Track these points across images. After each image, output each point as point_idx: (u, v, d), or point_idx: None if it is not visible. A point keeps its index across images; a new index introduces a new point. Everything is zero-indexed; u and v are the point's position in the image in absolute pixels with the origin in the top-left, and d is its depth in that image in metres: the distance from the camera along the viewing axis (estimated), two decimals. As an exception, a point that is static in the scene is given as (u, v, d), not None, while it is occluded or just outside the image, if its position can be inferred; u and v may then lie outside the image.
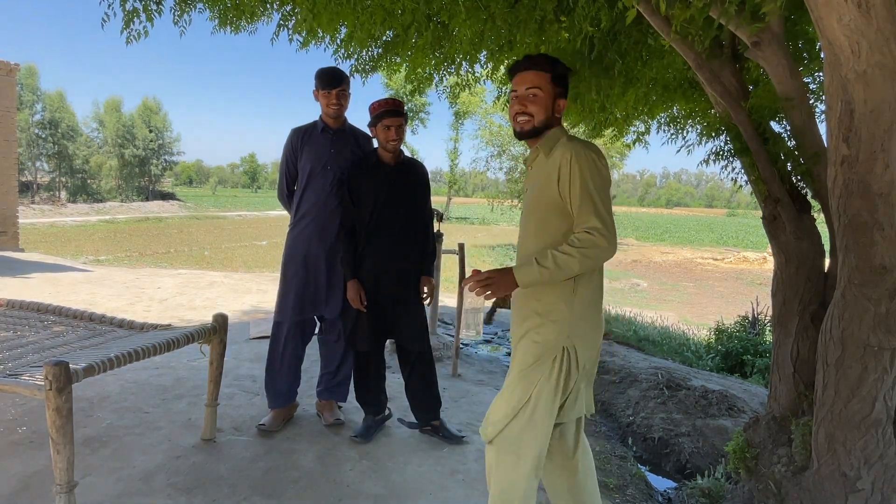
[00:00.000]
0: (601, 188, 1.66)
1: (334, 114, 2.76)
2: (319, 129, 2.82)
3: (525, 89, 1.74)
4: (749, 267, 23.58)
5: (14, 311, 2.90)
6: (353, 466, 2.55)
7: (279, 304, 2.86)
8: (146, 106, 47.60)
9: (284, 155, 2.87)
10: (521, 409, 1.69)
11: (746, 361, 5.44)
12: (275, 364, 2.87)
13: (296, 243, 2.82)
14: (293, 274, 2.81)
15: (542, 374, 1.68)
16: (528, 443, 1.68)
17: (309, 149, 2.79)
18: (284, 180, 2.89)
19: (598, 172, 1.66)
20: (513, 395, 1.71)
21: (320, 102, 2.78)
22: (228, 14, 2.97)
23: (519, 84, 1.76)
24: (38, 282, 7.31)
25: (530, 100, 1.74)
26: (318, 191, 2.78)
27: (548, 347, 1.69)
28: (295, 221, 2.85)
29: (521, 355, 1.73)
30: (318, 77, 2.72)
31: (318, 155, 2.78)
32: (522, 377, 1.70)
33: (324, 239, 2.78)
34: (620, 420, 3.74)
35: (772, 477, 2.17)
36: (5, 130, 10.64)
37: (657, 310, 11.44)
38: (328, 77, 2.71)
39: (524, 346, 1.73)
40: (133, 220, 32.09)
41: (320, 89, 2.72)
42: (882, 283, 1.74)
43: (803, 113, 2.16)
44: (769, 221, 2.39)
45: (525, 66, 1.75)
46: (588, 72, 3.17)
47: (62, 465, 1.83)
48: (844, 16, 1.51)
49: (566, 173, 1.66)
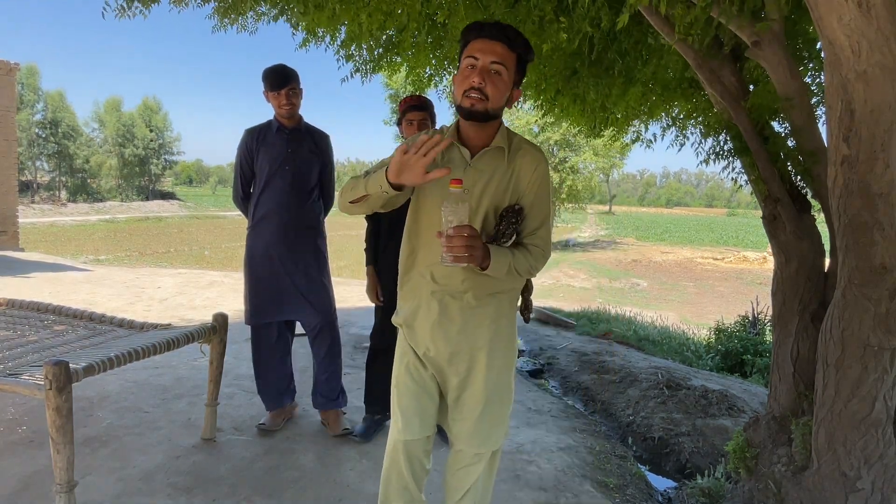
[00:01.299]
0: (551, 205, 1.62)
1: (287, 114, 2.69)
2: (275, 128, 2.73)
3: (490, 62, 1.44)
4: (749, 267, 23.57)
5: (14, 310, 2.91)
6: (353, 466, 2.55)
7: (245, 308, 2.80)
8: (146, 105, 47.60)
9: (239, 156, 2.78)
10: (505, 416, 1.71)
11: (746, 361, 5.44)
12: (259, 368, 2.86)
13: (256, 245, 2.73)
14: (256, 278, 2.73)
15: (511, 391, 1.72)
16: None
17: (265, 149, 2.71)
18: (240, 182, 2.80)
19: (550, 187, 1.61)
20: (503, 409, 1.69)
21: (272, 104, 2.70)
22: (228, 13, 2.96)
23: (482, 52, 1.44)
24: (38, 281, 7.31)
25: (492, 77, 1.44)
26: (277, 191, 2.69)
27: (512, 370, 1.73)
28: (254, 223, 2.76)
29: (501, 377, 1.66)
30: (265, 78, 2.64)
31: (275, 155, 2.70)
32: (507, 394, 1.70)
33: (287, 240, 2.71)
34: (620, 420, 3.74)
35: (772, 477, 2.17)
36: (5, 130, 10.64)
37: (657, 309, 11.44)
38: (275, 77, 2.63)
39: (499, 368, 1.66)
40: (133, 220, 32.10)
41: (269, 90, 2.65)
42: (882, 283, 1.74)
43: (803, 113, 2.16)
44: (769, 221, 2.39)
45: (495, 35, 1.44)
46: (588, 72, 3.17)
47: (62, 464, 1.83)
48: (845, 15, 1.51)
49: (542, 187, 1.56)
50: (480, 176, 1.53)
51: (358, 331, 5.12)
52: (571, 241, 31.43)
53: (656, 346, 6.07)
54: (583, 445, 3.05)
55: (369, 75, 3.50)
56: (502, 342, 1.64)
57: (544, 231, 1.57)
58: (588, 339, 5.92)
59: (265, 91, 2.67)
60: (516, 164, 1.55)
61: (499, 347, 1.63)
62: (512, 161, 1.55)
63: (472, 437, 1.67)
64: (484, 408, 1.63)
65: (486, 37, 1.45)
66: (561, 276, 18.23)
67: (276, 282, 2.72)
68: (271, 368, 2.85)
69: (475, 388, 1.64)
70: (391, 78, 19.71)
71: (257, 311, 2.74)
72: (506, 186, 1.54)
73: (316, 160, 2.79)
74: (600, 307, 9.53)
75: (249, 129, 2.78)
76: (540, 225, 1.56)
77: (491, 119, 1.50)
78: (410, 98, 2.78)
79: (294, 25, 3.13)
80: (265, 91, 2.67)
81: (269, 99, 2.69)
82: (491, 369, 1.62)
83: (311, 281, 2.75)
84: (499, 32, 1.45)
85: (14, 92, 10.90)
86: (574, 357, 4.99)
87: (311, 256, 2.77)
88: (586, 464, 2.82)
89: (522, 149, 1.57)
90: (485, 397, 1.63)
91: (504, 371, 1.66)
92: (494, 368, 1.63)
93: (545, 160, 1.58)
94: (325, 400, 2.90)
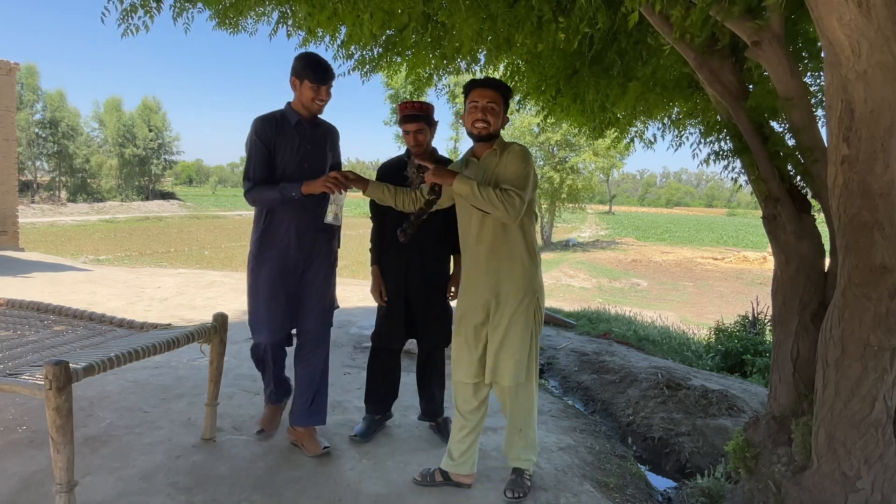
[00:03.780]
0: (532, 178, 2.22)
1: (319, 109, 2.49)
2: (293, 121, 2.48)
3: (486, 102, 2.21)
4: (749, 267, 23.57)
5: (14, 310, 2.91)
6: (353, 466, 2.55)
7: (255, 323, 2.55)
8: (146, 105, 47.57)
9: (255, 144, 2.44)
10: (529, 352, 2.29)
11: (746, 361, 5.43)
12: (261, 370, 2.80)
13: (269, 252, 2.50)
14: (272, 291, 2.50)
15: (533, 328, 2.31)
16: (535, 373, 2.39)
17: (283, 142, 2.45)
18: (261, 171, 2.44)
19: (533, 169, 2.24)
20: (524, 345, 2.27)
21: (302, 94, 2.44)
22: (228, 14, 2.97)
23: (480, 97, 2.22)
24: (38, 281, 7.31)
25: (490, 111, 2.21)
26: None
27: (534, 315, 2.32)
28: (265, 226, 2.51)
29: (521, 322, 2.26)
30: (310, 66, 2.41)
31: (294, 151, 2.47)
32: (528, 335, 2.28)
33: (302, 246, 2.52)
34: (620, 420, 3.74)
35: (772, 477, 2.17)
36: (5, 130, 10.64)
37: (657, 309, 11.44)
38: (322, 70, 2.42)
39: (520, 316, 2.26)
40: (133, 220, 32.10)
41: (310, 81, 2.41)
42: (882, 282, 1.74)
43: (803, 112, 2.16)
44: (769, 221, 2.39)
45: (487, 85, 2.25)
46: (587, 71, 3.17)
47: (62, 464, 1.83)
48: (845, 15, 1.51)
49: (515, 161, 2.20)
50: (481, 171, 2.27)
51: (358, 331, 5.12)
52: (571, 241, 31.41)
53: (656, 345, 6.07)
54: (583, 445, 3.05)
55: (368, 75, 3.50)
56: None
57: (517, 182, 2.16)
58: (588, 339, 5.92)
59: (300, 80, 2.42)
60: (502, 156, 2.26)
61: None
62: (502, 158, 2.25)
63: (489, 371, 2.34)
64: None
65: (482, 86, 2.24)
66: (561, 276, 18.23)
67: (290, 292, 2.54)
68: (272, 373, 2.75)
69: None
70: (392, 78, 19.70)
71: (273, 332, 2.54)
72: (500, 173, 2.21)
73: (329, 157, 2.62)
74: (600, 307, 9.53)
75: (264, 117, 2.49)
76: (513, 178, 2.17)
77: (493, 138, 2.27)
78: (405, 106, 2.65)
79: (294, 27, 3.13)
80: (300, 80, 2.42)
81: (304, 90, 2.43)
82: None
83: (322, 286, 2.60)
84: (489, 83, 2.25)
85: (14, 92, 10.89)
86: (574, 357, 4.99)
87: (325, 260, 2.61)
88: (586, 464, 2.82)
89: (510, 149, 2.26)
90: None
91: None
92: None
93: (520, 146, 2.27)
94: (309, 416, 2.64)
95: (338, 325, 5.32)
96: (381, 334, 2.85)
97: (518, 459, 2.43)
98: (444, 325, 2.84)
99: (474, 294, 2.33)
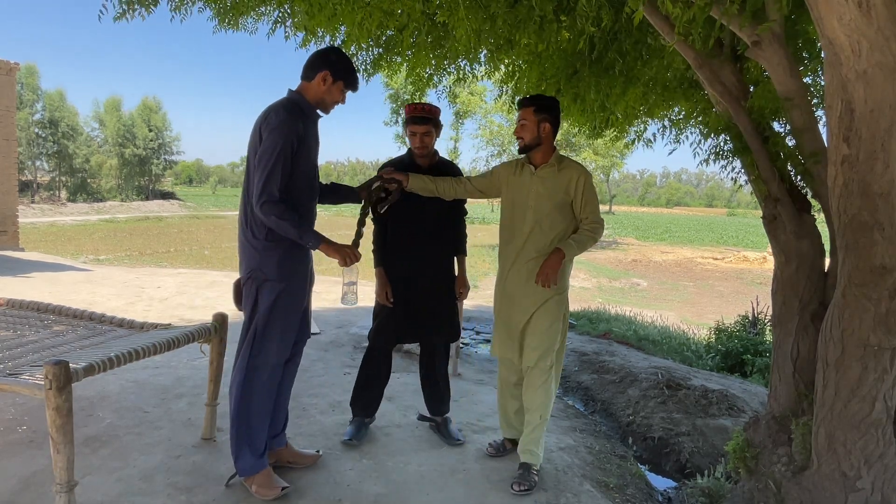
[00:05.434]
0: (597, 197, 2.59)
1: (327, 113, 2.33)
2: (313, 116, 2.29)
3: (520, 120, 2.56)
4: (749, 266, 23.56)
5: (14, 310, 2.91)
6: (352, 466, 2.55)
7: (271, 346, 2.27)
8: (146, 105, 47.54)
9: (290, 147, 2.12)
10: (554, 345, 2.54)
11: (746, 361, 5.43)
12: None
13: (300, 261, 2.30)
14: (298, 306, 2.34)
15: (560, 325, 2.57)
16: (557, 367, 2.64)
17: (306, 143, 2.21)
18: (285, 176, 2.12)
19: (594, 187, 2.57)
20: (549, 337, 2.53)
21: (329, 92, 2.25)
22: (227, 14, 2.96)
23: (520, 115, 2.57)
24: (38, 281, 7.31)
25: (520, 127, 2.55)
26: (315, 191, 2.34)
27: (562, 308, 2.58)
28: (303, 227, 2.20)
29: (548, 314, 2.52)
30: (351, 72, 2.27)
31: (314, 153, 2.30)
32: (553, 325, 2.53)
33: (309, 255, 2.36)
34: (620, 419, 3.74)
35: (772, 477, 2.17)
36: (5, 130, 10.64)
37: (657, 309, 11.44)
38: (357, 80, 2.32)
39: (547, 309, 2.52)
40: (133, 220, 32.09)
41: (344, 85, 2.26)
42: (882, 282, 1.74)
43: (803, 113, 2.16)
44: (769, 221, 2.39)
45: (521, 104, 2.58)
46: (588, 71, 3.17)
47: (62, 464, 1.83)
48: (845, 15, 1.51)
49: (591, 193, 2.53)
50: (541, 183, 2.54)
51: (358, 330, 5.12)
52: (571, 240, 31.34)
53: (656, 345, 6.07)
54: (583, 445, 3.05)
55: (369, 77, 3.51)
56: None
57: (593, 214, 2.53)
58: (588, 339, 5.91)
59: (335, 79, 2.22)
60: (563, 175, 2.53)
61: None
62: (560, 173, 2.54)
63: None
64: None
65: (519, 106, 2.60)
66: (561, 276, 18.18)
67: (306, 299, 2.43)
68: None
69: None
70: (392, 78, 19.69)
71: (287, 347, 2.34)
72: (560, 191, 2.52)
73: None
74: (600, 307, 9.53)
75: (290, 109, 2.17)
76: (591, 212, 2.53)
77: (531, 149, 2.56)
78: (415, 108, 2.66)
79: (293, 27, 3.12)
80: (335, 79, 2.22)
81: (334, 89, 2.24)
82: None
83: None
84: (523, 101, 2.59)
85: (14, 92, 10.89)
86: (574, 357, 4.99)
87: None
88: (586, 464, 2.82)
89: (566, 164, 2.57)
90: None
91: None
92: None
93: (583, 168, 2.56)
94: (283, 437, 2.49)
95: (337, 325, 5.34)
96: (382, 332, 2.80)
97: (527, 452, 2.55)
98: (452, 323, 2.89)
99: None
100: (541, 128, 2.50)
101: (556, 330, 2.54)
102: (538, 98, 2.58)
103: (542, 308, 2.52)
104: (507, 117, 25.00)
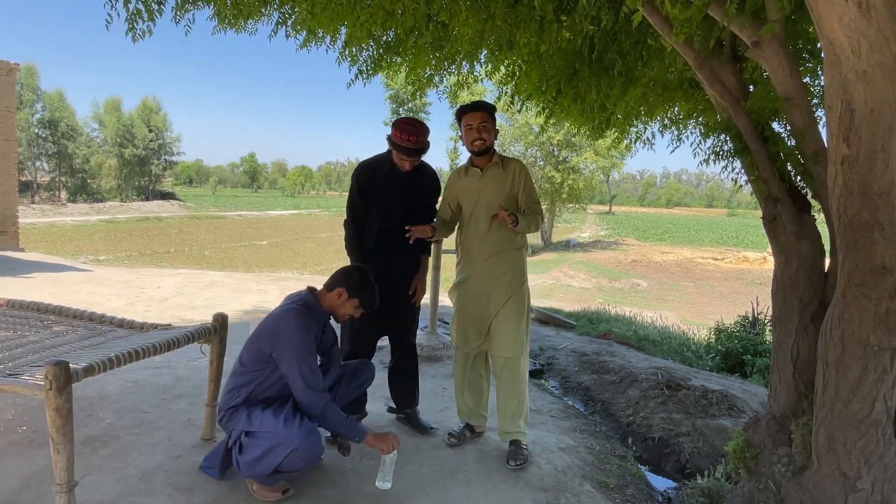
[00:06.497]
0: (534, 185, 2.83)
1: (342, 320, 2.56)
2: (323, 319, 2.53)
3: (479, 123, 2.68)
4: (749, 267, 23.56)
5: (14, 310, 2.91)
6: (353, 466, 2.55)
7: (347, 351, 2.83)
8: (146, 106, 47.58)
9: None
10: (525, 333, 2.75)
11: (746, 361, 5.43)
12: None
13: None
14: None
15: (526, 313, 2.77)
16: (526, 352, 2.80)
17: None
18: None
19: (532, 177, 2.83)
20: (521, 326, 2.72)
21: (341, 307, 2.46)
22: (228, 14, 2.96)
23: (472, 119, 2.68)
24: (38, 281, 7.31)
25: (484, 129, 2.68)
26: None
27: (526, 297, 2.79)
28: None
29: (515, 304, 2.71)
30: (366, 294, 2.48)
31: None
32: (522, 316, 2.73)
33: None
34: (620, 420, 3.74)
35: (772, 477, 2.17)
36: (5, 130, 10.65)
37: (657, 310, 11.44)
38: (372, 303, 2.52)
39: (515, 300, 2.71)
40: (133, 220, 32.11)
41: (359, 305, 2.47)
42: (882, 283, 1.74)
43: (803, 113, 2.16)
44: (769, 221, 2.39)
45: (478, 108, 2.71)
46: (588, 72, 3.17)
47: (62, 464, 1.83)
48: (845, 15, 1.51)
49: (531, 182, 2.79)
50: (489, 181, 2.74)
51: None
52: (572, 241, 31.39)
53: (656, 346, 6.07)
54: (583, 445, 3.05)
55: (370, 79, 3.51)
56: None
57: (534, 201, 2.78)
58: (588, 340, 5.92)
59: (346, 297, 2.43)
60: (507, 171, 2.76)
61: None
62: (504, 170, 2.76)
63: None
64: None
65: (472, 110, 2.71)
66: (561, 276, 18.22)
67: None
68: None
69: None
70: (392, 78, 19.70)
71: None
72: (506, 185, 2.74)
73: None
74: (600, 307, 9.53)
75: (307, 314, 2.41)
76: (532, 199, 2.77)
77: (489, 152, 2.75)
78: (406, 138, 2.65)
79: (293, 28, 3.12)
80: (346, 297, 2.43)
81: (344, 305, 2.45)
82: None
83: None
84: (478, 106, 2.72)
85: (14, 92, 10.90)
86: (574, 357, 4.99)
87: None
88: (586, 464, 2.82)
89: (508, 161, 2.78)
90: None
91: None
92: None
93: (522, 164, 2.81)
94: None
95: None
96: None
97: (513, 433, 2.73)
98: (413, 319, 3.03)
99: None
100: (494, 132, 2.73)
101: (523, 317, 2.72)
102: (491, 104, 2.77)
103: (510, 301, 2.70)
104: (507, 117, 25.01)
